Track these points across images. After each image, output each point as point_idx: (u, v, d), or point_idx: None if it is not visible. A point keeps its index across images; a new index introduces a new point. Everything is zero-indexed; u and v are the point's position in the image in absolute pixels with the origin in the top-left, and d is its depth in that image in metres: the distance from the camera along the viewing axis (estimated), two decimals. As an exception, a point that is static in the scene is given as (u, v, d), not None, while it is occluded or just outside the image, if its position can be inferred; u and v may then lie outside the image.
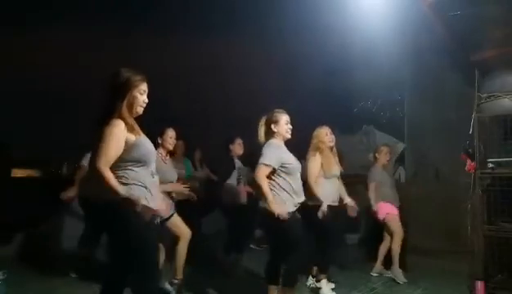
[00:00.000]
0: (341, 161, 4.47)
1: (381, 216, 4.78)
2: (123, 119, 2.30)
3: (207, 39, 6.20)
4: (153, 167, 2.48)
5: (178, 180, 4.03)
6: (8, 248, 5.41)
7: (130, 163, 2.33)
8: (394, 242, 4.74)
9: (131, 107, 2.35)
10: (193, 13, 5.98)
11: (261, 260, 3.65)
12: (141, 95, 2.39)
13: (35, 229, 5.70)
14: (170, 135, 3.96)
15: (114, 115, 2.29)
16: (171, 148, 4.00)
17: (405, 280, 4.57)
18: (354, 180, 5.36)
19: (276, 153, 3.33)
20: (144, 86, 2.40)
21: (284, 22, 5.79)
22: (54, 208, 5.42)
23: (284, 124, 3.44)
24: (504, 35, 3.82)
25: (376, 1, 4.76)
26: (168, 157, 4.01)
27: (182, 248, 3.87)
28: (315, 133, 4.29)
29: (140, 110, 2.42)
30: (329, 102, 7.24)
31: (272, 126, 3.43)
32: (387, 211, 4.78)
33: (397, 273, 4.64)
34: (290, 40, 6.35)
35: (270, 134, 3.45)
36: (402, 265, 4.77)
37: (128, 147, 2.31)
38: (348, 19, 4.97)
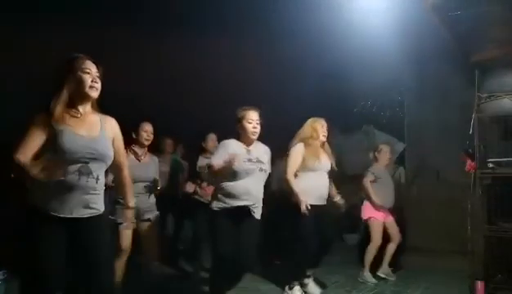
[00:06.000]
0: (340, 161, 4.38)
1: (365, 216, 4.71)
2: (57, 108, 2.02)
3: (201, 39, 6.17)
4: (90, 166, 2.08)
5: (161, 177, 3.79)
6: (8, 248, 5.40)
7: (48, 155, 2.01)
8: (370, 246, 4.62)
9: (77, 91, 2.05)
10: (186, 13, 5.95)
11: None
12: (87, 75, 2.05)
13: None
14: (145, 129, 3.56)
15: (51, 106, 2.02)
16: (146, 143, 3.59)
17: (375, 281, 4.48)
18: (354, 181, 5.35)
19: (220, 153, 3.03)
20: (87, 65, 2.06)
21: (283, 21, 5.79)
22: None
23: (247, 123, 3.03)
24: (504, 35, 3.82)
25: (376, 1, 4.76)
26: (145, 154, 3.63)
27: (122, 263, 3.39)
28: (308, 122, 3.87)
29: (92, 93, 2.08)
30: (329, 102, 7.23)
31: (237, 125, 3.06)
32: (371, 214, 4.66)
33: (367, 277, 4.53)
34: (289, 40, 6.34)
35: (236, 133, 3.08)
36: (402, 265, 4.78)
37: (51, 136, 2.01)
38: (348, 19, 4.97)
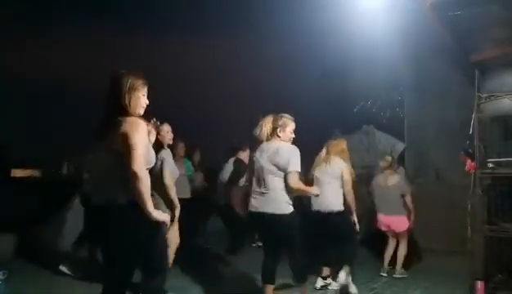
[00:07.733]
0: None
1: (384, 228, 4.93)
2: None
3: (206, 41, 6.21)
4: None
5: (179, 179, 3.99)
6: (8, 248, 5.40)
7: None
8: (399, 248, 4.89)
9: (134, 108, 2.41)
10: (192, 15, 5.99)
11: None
12: (143, 97, 2.47)
13: (35, 229, 5.69)
14: (166, 130, 3.87)
15: (126, 114, 2.34)
16: (170, 142, 3.92)
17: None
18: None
19: (299, 160, 3.35)
20: (145, 89, 2.48)
21: (283, 22, 5.80)
22: (54, 208, 5.42)
23: (289, 132, 3.46)
24: (504, 35, 3.82)
25: (377, 1, 4.76)
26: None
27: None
28: (344, 145, 4.38)
29: (141, 111, 2.48)
30: (329, 102, 7.25)
31: (278, 130, 3.43)
32: (388, 225, 4.89)
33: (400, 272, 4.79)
34: (290, 40, 6.36)
35: (273, 135, 3.45)
36: (402, 265, 4.79)
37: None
38: (349, 19, 4.97)
